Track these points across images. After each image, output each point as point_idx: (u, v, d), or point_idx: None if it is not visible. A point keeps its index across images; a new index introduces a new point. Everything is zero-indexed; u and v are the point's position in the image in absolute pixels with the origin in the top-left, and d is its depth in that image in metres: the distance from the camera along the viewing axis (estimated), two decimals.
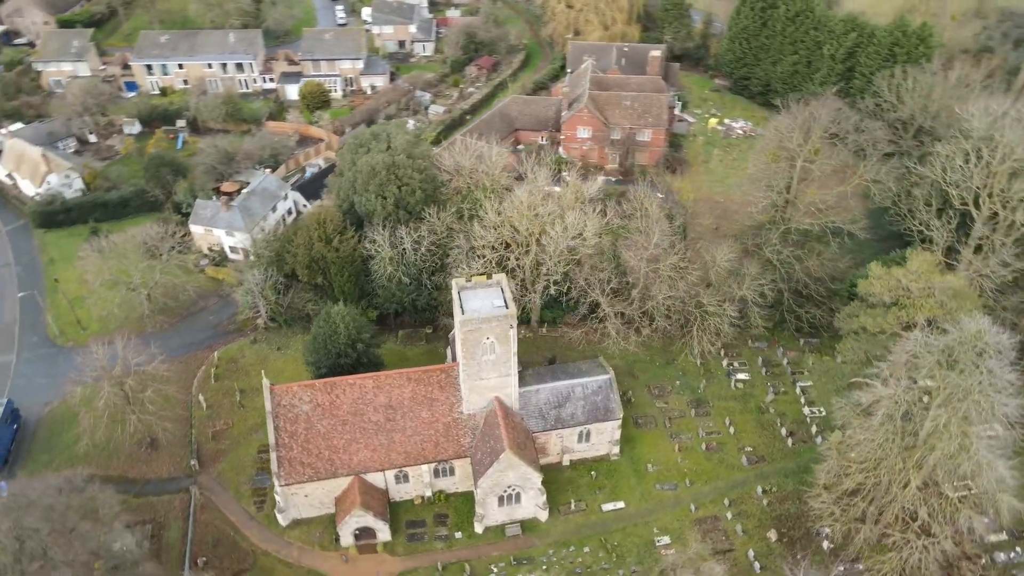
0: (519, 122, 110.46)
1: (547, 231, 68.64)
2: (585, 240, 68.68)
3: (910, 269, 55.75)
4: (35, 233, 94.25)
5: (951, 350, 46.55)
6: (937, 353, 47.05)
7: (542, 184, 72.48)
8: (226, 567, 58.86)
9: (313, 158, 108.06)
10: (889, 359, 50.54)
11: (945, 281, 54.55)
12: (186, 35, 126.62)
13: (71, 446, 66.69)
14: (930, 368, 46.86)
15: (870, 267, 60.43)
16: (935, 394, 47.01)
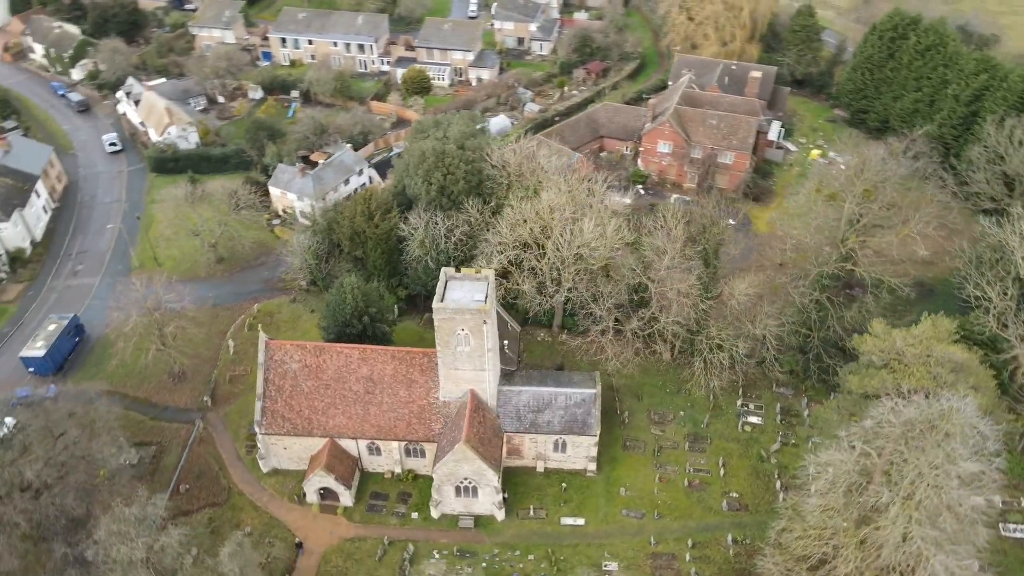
0: (606, 129, 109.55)
1: (553, 236, 68.33)
2: (592, 249, 67.69)
3: (912, 333, 50.49)
4: (148, 176, 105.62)
5: (912, 425, 42.22)
6: (899, 426, 42.84)
7: (567, 188, 71.88)
8: (203, 498, 64.10)
9: (402, 140, 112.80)
10: (856, 425, 46.44)
11: (947, 351, 48.94)
12: (321, 14, 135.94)
13: (119, 365, 74.73)
14: (885, 442, 42.74)
15: (872, 324, 55.31)
16: (888, 472, 42.84)
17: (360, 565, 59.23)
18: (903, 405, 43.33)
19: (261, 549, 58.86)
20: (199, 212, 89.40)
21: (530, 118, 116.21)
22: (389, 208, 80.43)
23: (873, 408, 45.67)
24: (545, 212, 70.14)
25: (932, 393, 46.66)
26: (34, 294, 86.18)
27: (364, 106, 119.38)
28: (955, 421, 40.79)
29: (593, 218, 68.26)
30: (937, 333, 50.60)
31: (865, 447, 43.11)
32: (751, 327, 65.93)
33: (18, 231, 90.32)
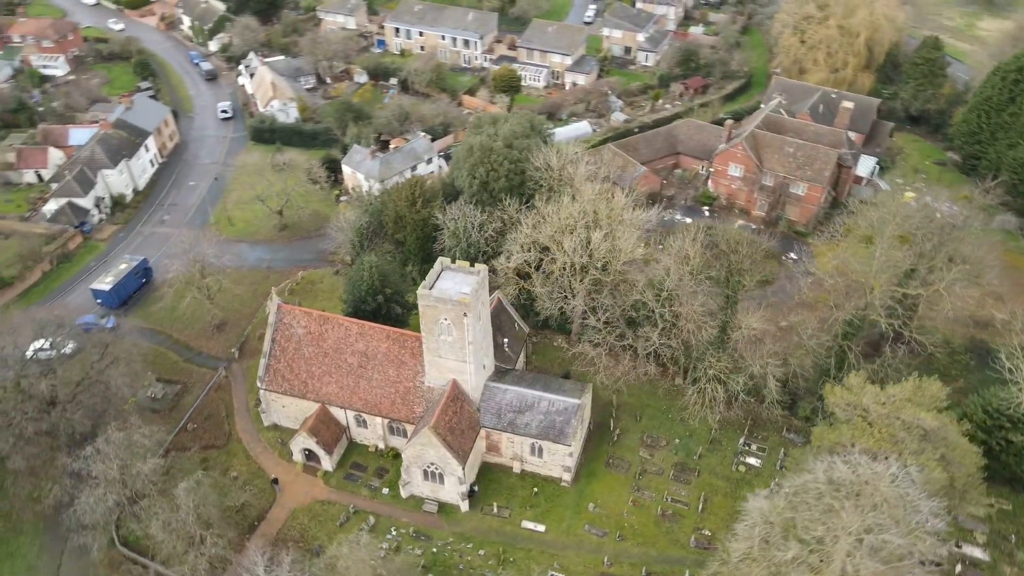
0: (684, 146, 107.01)
1: (561, 243, 68.17)
2: (600, 260, 66.93)
3: (887, 391, 46.37)
4: (247, 144, 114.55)
5: (837, 486, 39.46)
6: (823, 485, 40.15)
7: (589, 197, 71.33)
8: (205, 438, 69.58)
9: None
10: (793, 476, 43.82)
11: (916, 416, 44.57)
12: (436, 8, 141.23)
13: (166, 308, 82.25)
14: (806, 497, 40.21)
15: (850, 376, 51.22)
16: (807, 527, 40.27)
17: (322, 527, 62.29)
18: (835, 463, 40.45)
19: (237, 494, 63.13)
20: (271, 180, 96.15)
21: (613, 127, 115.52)
22: (432, 197, 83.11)
23: (814, 461, 42.91)
24: (564, 217, 70.14)
25: (885, 457, 43.02)
26: (124, 236, 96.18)
27: (456, 99, 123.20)
28: (882, 490, 37.60)
29: (605, 230, 67.49)
30: (917, 396, 46.31)
31: (789, 500, 40.64)
32: (752, 363, 62.85)
33: (122, 178, 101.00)
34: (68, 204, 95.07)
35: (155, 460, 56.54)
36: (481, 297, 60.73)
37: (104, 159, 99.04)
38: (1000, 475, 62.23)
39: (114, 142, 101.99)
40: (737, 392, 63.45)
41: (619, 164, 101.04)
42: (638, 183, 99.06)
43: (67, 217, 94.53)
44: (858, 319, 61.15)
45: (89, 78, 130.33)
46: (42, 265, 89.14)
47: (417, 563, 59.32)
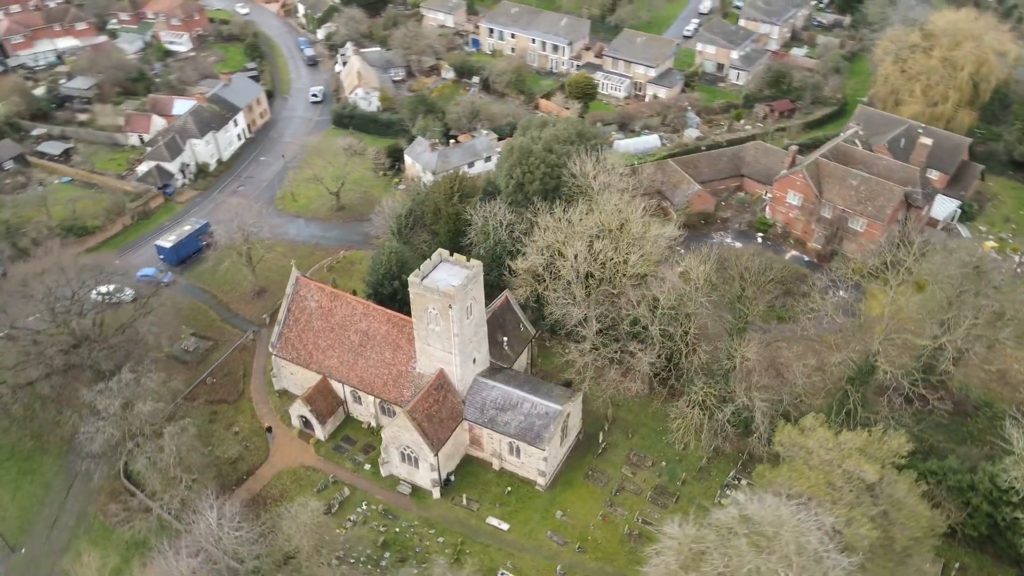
0: (749, 169, 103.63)
1: (562, 251, 68.13)
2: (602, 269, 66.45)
3: (840, 438, 43.56)
4: (328, 128, 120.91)
5: (748, 524, 38.19)
6: (736, 521, 38.92)
7: (608, 207, 70.79)
8: (219, 393, 74.82)
9: None
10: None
11: (859, 467, 41.62)
12: (531, 11, 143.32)
13: (216, 270, 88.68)
14: (716, 531, 39.13)
15: (806, 417, 48.27)
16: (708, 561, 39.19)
17: (301, 491, 65.60)
18: (752, 502, 39.04)
19: (232, 448, 67.70)
20: (332, 162, 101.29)
21: (683, 143, 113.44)
22: (471, 193, 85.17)
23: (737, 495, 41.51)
24: (576, 224, 70.22)
25: (817, 504, 40.83)
26: (200, 201, 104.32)
27: (533, 102, 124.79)
28: (783, 535, 36.07)
29: (615, 242, 67.05)
30: (871, 447, 43.36)
31: (700, 530, 39.65)
32: (739, 395, 60.65)
33: (208, 148, 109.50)
34: (156, 167, 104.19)
35: (155, 404, 61.49)
36: (472, 292, 62.02)
37: (194, 129, 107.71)
38: (1007, 554, 57.16)
39: (206, 115, 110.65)
40: (724, 422, 61.38)
41: (674, 181, 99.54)
42: (690, 201, 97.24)
43: (154, 179, 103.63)
44: (867, 365, 57.64)
45: (207, 56, 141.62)
46: (124, 219, 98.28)
47: (377, 539, 61.57)
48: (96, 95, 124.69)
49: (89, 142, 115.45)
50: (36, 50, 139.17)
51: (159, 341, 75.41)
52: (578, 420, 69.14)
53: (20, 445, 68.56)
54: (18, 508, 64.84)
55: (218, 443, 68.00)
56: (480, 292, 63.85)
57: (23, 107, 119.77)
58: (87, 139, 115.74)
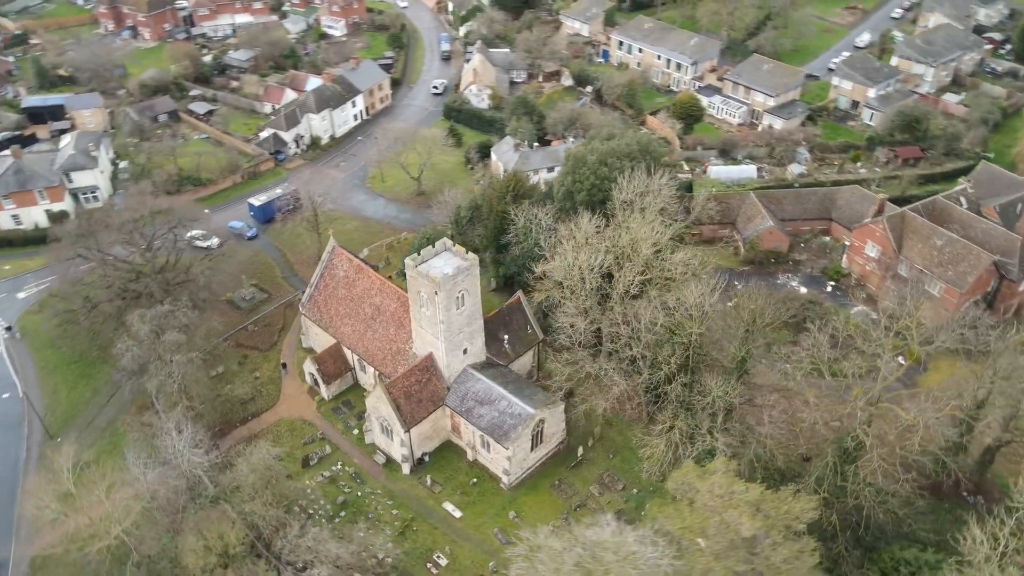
0: (839, 213, 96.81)
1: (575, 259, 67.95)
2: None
3: (733, 487, 40.74)
4: (439, 119, 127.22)
5: (595, 547, 37.92)
6: (588, 543, 38.73)
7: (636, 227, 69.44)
8: (254, 340, 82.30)
9: None
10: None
11: (735, 518, 38.67)
12: (664, 28, 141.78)
13: (291, 232, 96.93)
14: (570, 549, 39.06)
15: (716, 460, 45.12)
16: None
17: (289, 440, 71.11)
18: (599, 525, 38.57)
19: (247, 389, 74.69)
20: (419, 151, 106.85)
21: (780, 177, 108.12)
22: (526, 195, 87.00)
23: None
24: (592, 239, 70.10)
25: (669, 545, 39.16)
26: (304, 169, 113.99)
27: (640, 118, 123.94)
28: (605, 561, 35.56)
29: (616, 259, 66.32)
30: (766, 503, 40.35)
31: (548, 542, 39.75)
32: (703, 431, 58.03)
33: (323, 124, 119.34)
34: (274, 135, 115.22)
35: (177, 335, 69.02)
36: (463, 284, 64.10)
37: (312, 105, 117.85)
38: None
39: (327, 93, 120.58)
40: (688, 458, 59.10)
41: (750, 214, 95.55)
42: (759, 237, 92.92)
43: (269, 145, 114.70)
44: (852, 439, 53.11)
45: (355, 42, 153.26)
46: (234, 176, 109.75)
47: (338, 497, 65.54)
48: (251, 67, 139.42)
49: (233, 107, 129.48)
50: (217, 23, 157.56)
51: (218, 285, 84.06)
52: (559, 429, 69.17)
53: (88, 353, 79.43)
54: (68, 404, 75.50)
55: (237, 383, 75.13)
56: (474, 285, 65.75)
57: (190, 70, 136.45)
58: (231, 104, 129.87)
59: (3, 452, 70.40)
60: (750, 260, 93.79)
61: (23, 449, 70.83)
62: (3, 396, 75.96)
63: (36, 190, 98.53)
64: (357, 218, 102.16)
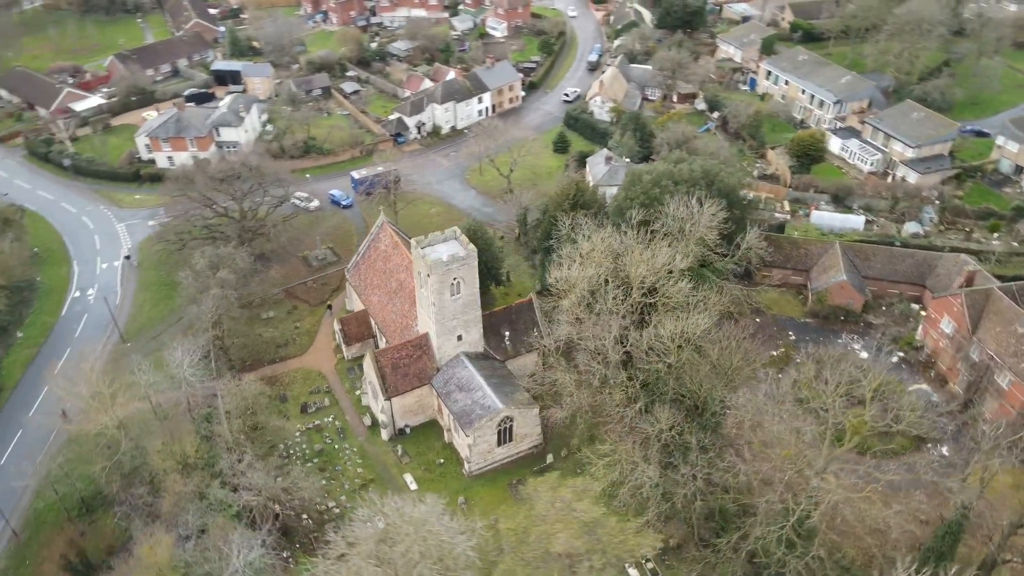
0: (935, 282, 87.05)
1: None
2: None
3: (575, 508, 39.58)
4: (559, 125, 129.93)
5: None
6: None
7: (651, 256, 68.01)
8: (308, 295, 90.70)
9: (750, 190, 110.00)
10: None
11: (550, 537, 37.54)
12: (818, 62, 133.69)
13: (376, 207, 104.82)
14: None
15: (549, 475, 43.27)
16: None
17: (301, 386, 78.21)
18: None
19: (283, 335, 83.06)
20: (530, 152, 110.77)
21: (887, 234, 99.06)
22: (586, 204, 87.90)
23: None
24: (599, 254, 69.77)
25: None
26: (416, 154, 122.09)
27: (761, 151, 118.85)
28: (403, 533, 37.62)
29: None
30: (606, 528, 38.98)
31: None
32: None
33: (446, 115, 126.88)
34: (399, 119, 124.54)
35: (227, 274, 78.11)
36: (458, 272, 67.04)
37: (439, 96, 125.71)
38: None
39: (455, 87, 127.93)
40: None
41: (827, 264, 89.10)
42: (829, 290, 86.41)
43: (392, 127, 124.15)
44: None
45: (511, 44, 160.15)
46: (353, 151, 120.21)
47: (317, 444, 71.38)
48: (408, 57, 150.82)
49: (379, 90, 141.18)
50: (395, 15, 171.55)
51: (291, 241, 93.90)
52: (533, 432, 69.96)
53: (173, 279, 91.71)
54: (147, 318, 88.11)
55: (279, 329, 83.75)
56: (470, 275, 68.37)
57: (354, 53, 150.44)
58: (378, 87, 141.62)
59: (88, 343, 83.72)
60: (815, 313, 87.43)
61: (101, 345, 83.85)
62: (107, 303, 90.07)
63: (188, 138, 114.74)
64: (443, 204, 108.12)
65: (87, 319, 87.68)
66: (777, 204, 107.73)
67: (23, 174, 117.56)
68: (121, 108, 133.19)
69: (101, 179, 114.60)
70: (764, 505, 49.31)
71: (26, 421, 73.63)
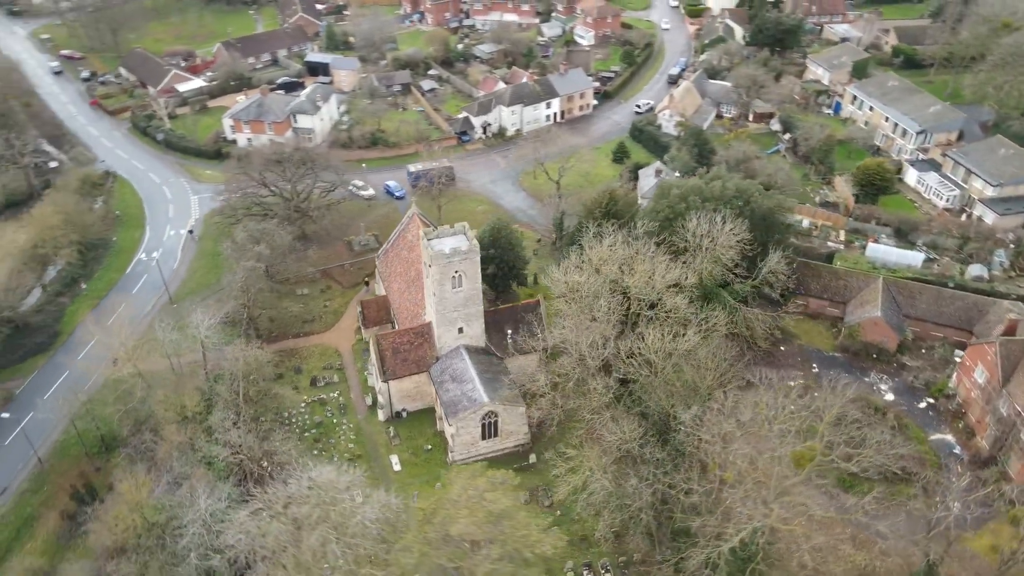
0: (983, 328, 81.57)
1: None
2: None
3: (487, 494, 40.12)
4: (624, 136, 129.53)
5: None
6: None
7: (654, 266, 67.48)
8: (343, 277, 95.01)
9: (806, 216, 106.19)
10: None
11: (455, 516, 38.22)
12: (908, 90, 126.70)
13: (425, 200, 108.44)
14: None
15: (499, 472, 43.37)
16: None
17: (318, 361, 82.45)
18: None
19: (310, 312, 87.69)
20: (586, 160, 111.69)
21: (945, 275, 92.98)
22: (618, 213, 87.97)
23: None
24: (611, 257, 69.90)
25: None
26: (478, 153, 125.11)
27: (828, 179, 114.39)
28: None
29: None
30: (512, 520, 39.56)
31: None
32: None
33: (512, 117, 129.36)
34: (466, 118, 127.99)
35: (263, 248, 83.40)
36: (459, 264, 68.96)
37: (506, 99, 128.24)
38: None
39: (524, 91, 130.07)
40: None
41: (864, 298, 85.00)
42: (861, 325, 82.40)
43: (458, 125, 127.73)
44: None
45: (596, 52, 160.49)
46: (418, 145, 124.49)
47: (320, 416, 75.15)
48: (489, 59, 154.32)
49: (457, 89, 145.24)
50: (487, 18, 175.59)
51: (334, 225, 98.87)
52: (519, 430, 70.83)
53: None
54: (197, 283, 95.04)
55: (310, 305, 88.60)
56: (472, 270, 70.12)
57: (440, 53, 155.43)
58: (456, 87, 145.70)
59: (141, 301, 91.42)
60: (845, 347, 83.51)
61: (151, 304, 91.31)
62: (166, 269, 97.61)
63: (267, 122, 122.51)
64: (491, 202, 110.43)
65: (145, 279, 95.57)
66: (833, 232, 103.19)
67: (124, 145, 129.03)
68: (219, 91, 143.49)
69: (188, 154, 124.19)
70: (697, 527, 48.23)
71: (73, 365, 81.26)
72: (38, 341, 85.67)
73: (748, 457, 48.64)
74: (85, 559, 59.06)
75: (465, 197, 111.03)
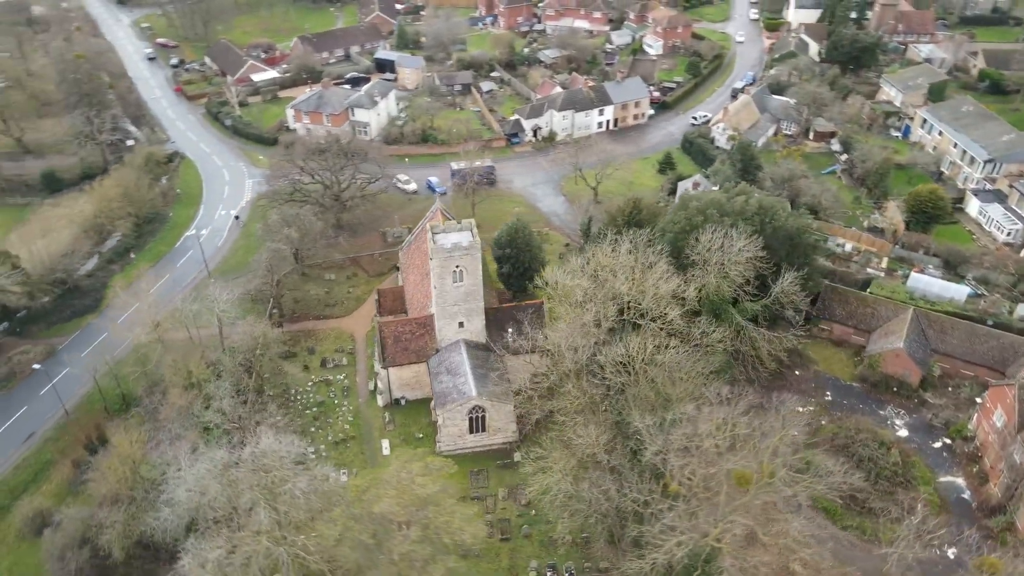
0: (1016, 369, 76.58)
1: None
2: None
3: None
4: (675, 147, 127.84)
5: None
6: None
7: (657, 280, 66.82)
8: (370, 266, 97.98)
9: (850, 240, 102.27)
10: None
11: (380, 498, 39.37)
12: (983, 115, 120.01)
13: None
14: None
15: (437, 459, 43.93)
16: None
17: (332, 344, 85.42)
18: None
19: (335, 297, 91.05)
20: (628, 168, 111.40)
21: (989, 312, 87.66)
22: (642, 221, 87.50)
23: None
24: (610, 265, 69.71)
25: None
26: (525, 156, 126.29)
27: (882, 204, 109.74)
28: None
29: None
30: (439, 508, 40.49)
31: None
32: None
33: (564, 122, 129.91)
34: (516, 120, 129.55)
35: (291, 231, 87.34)
36: (460, 260, 70.43)
37: (558, 103, 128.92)
38: None
39: (578, 97, 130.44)
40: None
41: (891, 328, 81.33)
42: (882, 356, 78.84)
43: (509, 127, 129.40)
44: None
45: (663, 62, 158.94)
46: (465, 145, 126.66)
47: (323, 395, 78.07)
48: (552, 64, 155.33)
49: (515, 92, 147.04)
50: (558, 23, 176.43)
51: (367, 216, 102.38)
52: (507, 428, 71.52)
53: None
54: (237, 261, 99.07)
55: (334, 290, 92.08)
56: (473, 266, 71.36)
57: (505, 56, 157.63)
58: (515, 89, 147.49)
59: (182, 274, 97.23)
60: (864, 378, 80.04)
61: (192, 277, 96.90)
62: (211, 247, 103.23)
63: (325, 114, 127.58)
64: (527, 204, 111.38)
65: (191, 254, 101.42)
66: (875, 259, 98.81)
67: (197, 128, 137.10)
68: (290, 83, 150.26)
69: (251, 140, 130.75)
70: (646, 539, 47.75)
71: (112, 328, 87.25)
72: (86, 303, 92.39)
73: (694, 472, 47.81)
74: (86, 506, 63.48)
75: (503, 197, 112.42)
